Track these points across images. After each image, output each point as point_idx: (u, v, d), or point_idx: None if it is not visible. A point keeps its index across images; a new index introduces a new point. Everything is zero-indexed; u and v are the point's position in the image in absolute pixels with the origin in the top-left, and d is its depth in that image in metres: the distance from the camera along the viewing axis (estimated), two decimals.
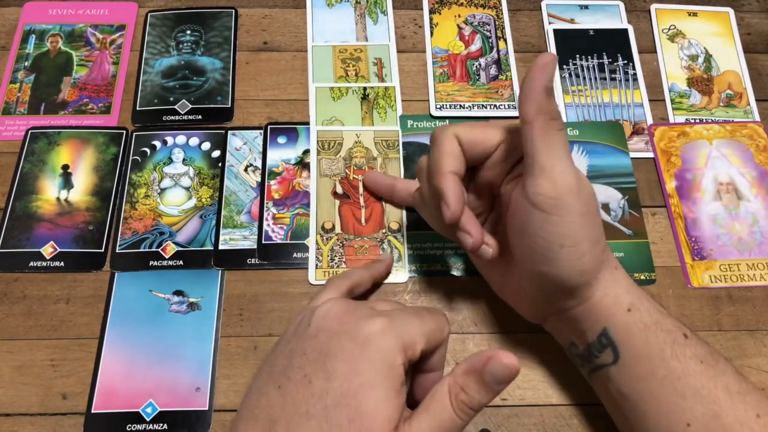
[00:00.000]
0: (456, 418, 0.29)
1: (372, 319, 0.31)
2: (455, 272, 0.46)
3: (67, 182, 0.49)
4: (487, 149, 0.37)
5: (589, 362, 0.37)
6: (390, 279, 0.46)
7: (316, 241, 0.46)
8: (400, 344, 0.30)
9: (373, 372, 0.29)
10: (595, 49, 0.56)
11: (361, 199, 0.48)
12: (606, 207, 0.49)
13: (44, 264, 0.46)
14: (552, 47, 0.56)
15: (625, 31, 0.57)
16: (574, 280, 0.34)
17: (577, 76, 0.55)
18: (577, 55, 0.56)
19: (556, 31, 0.57)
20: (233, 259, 0.46)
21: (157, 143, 0.51)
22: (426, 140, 0.51)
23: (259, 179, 0.49)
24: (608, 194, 0.49)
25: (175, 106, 0.52)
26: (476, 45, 0.56)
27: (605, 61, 0.56)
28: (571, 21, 0.58)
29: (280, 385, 0.31)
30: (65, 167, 0.49)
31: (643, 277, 0.46)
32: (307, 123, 0.51)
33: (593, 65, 0.55)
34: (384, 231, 0.47)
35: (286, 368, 0.31)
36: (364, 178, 0.48)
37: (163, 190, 0.49)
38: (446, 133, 0.36)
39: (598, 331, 0.35)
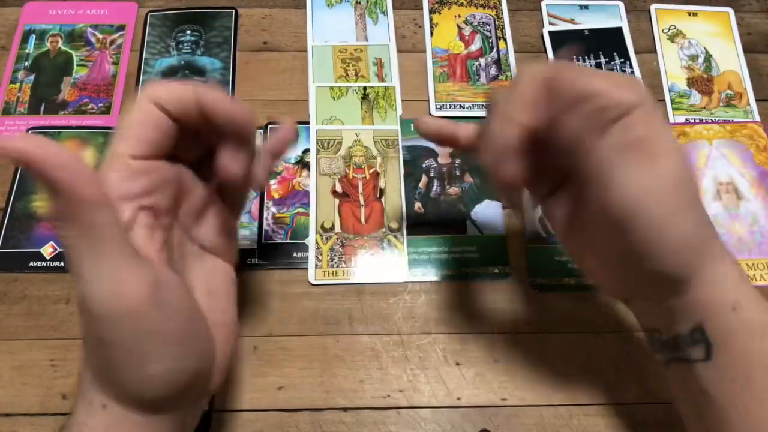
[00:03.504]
0: None
1: None
2: (458, 278, 0.46)
3: None
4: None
5: (672, 352, 0.32)
6: (389, 279, 0.46)
7: (316, 240, 0.46)
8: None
9: None
10: (592, 50, 0.56)
11: (361, 198, 0.48)
12: None
13: (44, 264, 0.46)
14: (549, 50, 0.56)
15: (620, 29, 0.57)
16: (668, 272, 0.30)
17: None
18: (575, 57, 0.56)
19: (552, 33, 0.57)
20: None
21: None
22: (428, 144, 0.51)
23: None
24: None
25: None
26: (476, 45, 0.56)
27: (602, 60, 0.56)
28: (572, 21, 0.58)
29: None
30: None
31: None
32: (307, 122, 0.51)
33: (591, 66, 0.55)
34: (384, 230, 0.47)
35: None
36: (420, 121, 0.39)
37: None
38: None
39: (691, 325, 0.31)
